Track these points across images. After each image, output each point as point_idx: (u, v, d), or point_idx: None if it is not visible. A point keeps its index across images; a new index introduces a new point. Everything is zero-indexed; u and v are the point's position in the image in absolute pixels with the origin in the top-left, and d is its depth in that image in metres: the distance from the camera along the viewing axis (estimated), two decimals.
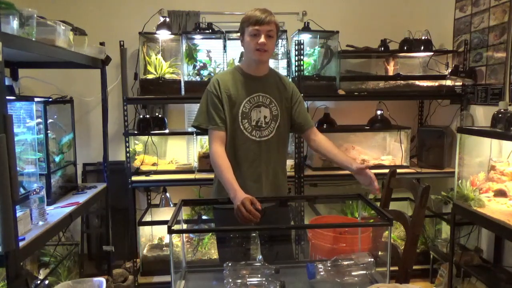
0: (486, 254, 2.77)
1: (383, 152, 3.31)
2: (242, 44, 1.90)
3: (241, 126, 1.89)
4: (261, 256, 2.03)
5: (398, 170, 2.27)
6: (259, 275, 1.44)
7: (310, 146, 2.07)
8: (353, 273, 1.49)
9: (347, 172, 2.99)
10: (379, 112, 3.21)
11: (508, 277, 2.47)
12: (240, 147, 1.90)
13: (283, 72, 2.97)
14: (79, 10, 3.22)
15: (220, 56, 2.99)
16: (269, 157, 1.93)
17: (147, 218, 3.19)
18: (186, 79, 2.94)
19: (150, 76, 2.97)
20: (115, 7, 3.28)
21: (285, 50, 3.04)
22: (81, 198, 2.35)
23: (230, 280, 1.41)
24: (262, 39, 1.80)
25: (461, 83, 3.01)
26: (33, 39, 1.78)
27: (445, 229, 3.04)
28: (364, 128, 3.25)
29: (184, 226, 2.78)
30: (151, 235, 3.37)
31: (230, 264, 1.48)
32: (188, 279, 1.60)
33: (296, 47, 2.86)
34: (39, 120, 2.08)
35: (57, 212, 2.05)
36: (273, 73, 2.01)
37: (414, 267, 1.65)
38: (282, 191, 2.00)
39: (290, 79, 2.71)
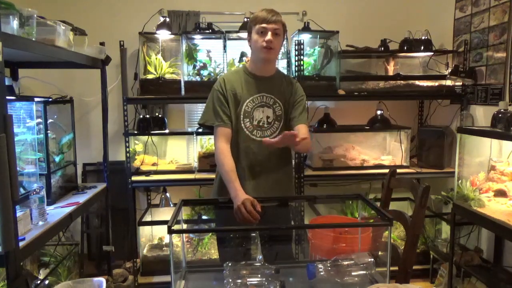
0: (486, 254, 2.77)
1: (383, 152, 3.31)
2: (250, 44, 1.92)
3: (243, 125, 1.90)
4: (261, 256, 2.03)
5: (398, 170, 2.27)
6: (259, 275, 1.44)
7: None
8: (353, 273, 1.48)
9: (347, 172, 3.04)
10: (379, 112, 3.21)
11: (508, 277, 2.47)
12: (241, 146, 1.91)
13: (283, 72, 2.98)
14: (79, 10, 3.22)
15: (220, 56, 2.99)
16: (270, 157, 1.92)
17: (147, 218, 3.19)
18: (186, 79, 2.94)
19: (150, 76, 2.97)
20: (115, 7, 3.28)
21: (285, 50, 3.04)
22: (81, 198, 2.35)
23: (230, 280, 1.41)
24: (269, 37, 1.81)
25: (461, 83, 3.01)
26: (33, 39, 1.78)
27: (445, 229, 3.04)
28: (364, 128, 3.25)
29: (184, 226, 2.78)
30: (151, 235, 3.37)
31: (230, 264, 1.47)
32: (188, 279, 1.60)
33: (296, 47, 2.86)
34: (39, 120, 2.08)
35: (57, 212, 2.05)
36: (280, 74, 2.02)
37: (414, 267, 1.65)
38: (283, 192, 1.99)
39: None
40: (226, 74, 2.02)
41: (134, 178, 2.89)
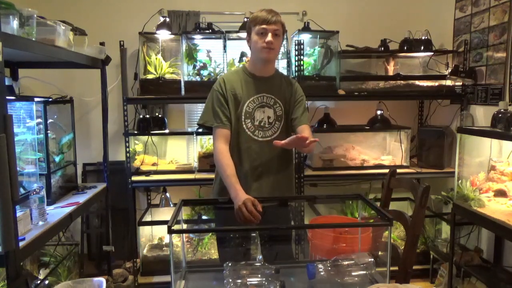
0: (486, 254, 2.77)
1: (383, 152, 3.31)
2: (249, 44, 1.92)
3: (244, 126, 1.90)
4: (261, 256, 2.03)
5: (398, 170, 2.27)
6: (259, 275, 1.44)
7: None
8: (353, 273, 1.49)
9: (347, 172, 3.04)
10: (379, 112, 3.21)
11: (508, 277, 2.47)
12: (243, 146, 1.91)
13: (283, 72, 2.98)
14: (79, 10, 3.22)
15: (220, 56, 2.99)
16: (271, 157, 1.92)
17: (147, 218, 3.19)
18: (186, 79, 2.94)
19: (150, 76, 2.97)
20: (115, 7, 3.28)
21: (285, 50, 3.04)
22: (81, 198, 2.35)
23: (230, 280, 1.41)
24: (269, 38, 1.81)
25: (461, 83, 3.01)
26: (33, 39, 1.78)
27: (445, 229, 3.04)
28: (364, 128, 3.25)
29: (184, 226, 2.78)
30: (151, 235, 3.37)
31: (230, 264, 1.47)
32: (188, 279, 1.60)
33: (296, 47, 2.86)
34: (39, 120, 2.08)
35: (57, 212, 2.05)
36: (279, 74, 2.02)
37: (414, 267, 1.65)
38: (284, 192, 1.99)
39: None
40: (226, 74, 2.02)
41: (134, 178, 2.88)
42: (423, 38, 3.10)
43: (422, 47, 3.09)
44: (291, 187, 2.07)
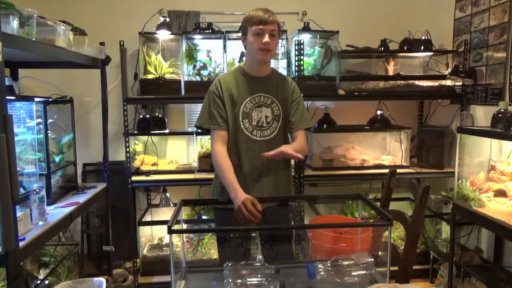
0: (486, 254, 2.77)
1: (383, 152, 3.31)
2: (244, 44, 1.91)
3: (242, 126, 1.90)
4: (261, 256, 2.03)
5: (398, 170, 2.27)
6: (259, 275, 1.44)
7: None
8: (353, 273, 1.48)
9: (347, 172, 3.04)
10: (379, 112, 3.21)
11: (508, 277, 2.47)
12: (241, 147, 1.91)
13: (283, 72, 2.98)
14: (79, 10, 3.22)
15: (220, 56, 2.99)
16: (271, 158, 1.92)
17: (147, 218, 3.19)
18: (186, 79, 2.94)
19: (150, 76, 2.97)
20: (115, 7, 3.28)
21: (285, 50, 3.04)
22: (81, 198, 2.35)
23: (230, 280, 1.41)
24: (266, 39, 1.80)
25: (461, 83, 3.01)
26: (33, 39, 1.78)
27: (445, 229, 3.04)
28: (364, 128, 3.25)
29: (184, 226, 2.78)
30: (151, 235, 3.37)
31: (230, 264, 1.47)
32: (188, 279, 1.60)
33: (296, 47, 2.87)
34: (39, 120, 2.08)
35: (57, 212, 2.05)
36: (275, 73, 2.02)
37: (414, 267, 1.65)
38: (284, 191, 1.99)
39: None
40: (222, 75, 2.01)
41: (134, 178, 2.88)
42: (423, 38, 3.10)
43: (422, 47, 3.09)
44: (290, 186, 2.07)
